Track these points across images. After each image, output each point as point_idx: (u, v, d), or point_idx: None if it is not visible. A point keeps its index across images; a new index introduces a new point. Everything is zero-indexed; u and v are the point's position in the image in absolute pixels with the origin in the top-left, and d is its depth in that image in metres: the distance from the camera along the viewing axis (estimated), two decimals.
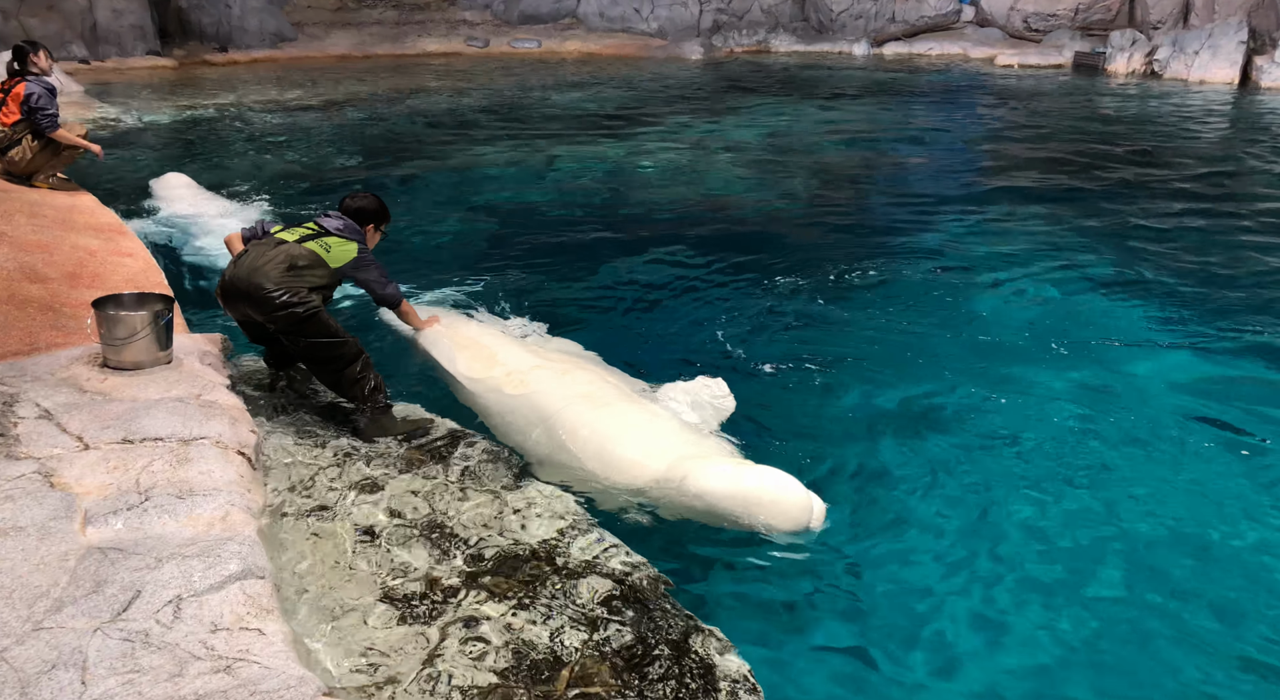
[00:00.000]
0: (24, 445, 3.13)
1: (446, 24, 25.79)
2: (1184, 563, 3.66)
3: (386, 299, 4.49)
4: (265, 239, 4.19)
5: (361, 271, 4.28)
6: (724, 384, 4.31)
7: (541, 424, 4.02)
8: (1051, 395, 5.01)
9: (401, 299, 4.58)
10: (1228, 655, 3.18)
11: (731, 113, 15.33)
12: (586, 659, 2.75)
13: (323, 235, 4.20)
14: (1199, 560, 3.69)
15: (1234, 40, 19.00)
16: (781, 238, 8.16)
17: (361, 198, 4.46)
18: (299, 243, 4.12)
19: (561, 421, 3.96)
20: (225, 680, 2.19)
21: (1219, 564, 3.65)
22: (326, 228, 4.25)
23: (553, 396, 4.11)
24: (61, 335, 4.30)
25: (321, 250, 4.13)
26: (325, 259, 4.12)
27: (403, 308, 4.65)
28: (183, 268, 6.89)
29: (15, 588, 2.45)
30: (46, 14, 19.05)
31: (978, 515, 3.97)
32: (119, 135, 12.33)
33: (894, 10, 25.70)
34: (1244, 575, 3.59)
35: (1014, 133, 13.90)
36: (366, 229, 4.40)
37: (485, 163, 11.27)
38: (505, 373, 4.39)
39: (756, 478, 3.49)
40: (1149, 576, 3.59)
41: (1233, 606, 3.42)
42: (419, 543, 3.27)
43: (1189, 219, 8.79)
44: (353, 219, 4.37)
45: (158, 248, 6.97)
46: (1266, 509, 4.00)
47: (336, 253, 4.17)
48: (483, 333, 4.90)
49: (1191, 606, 3.41)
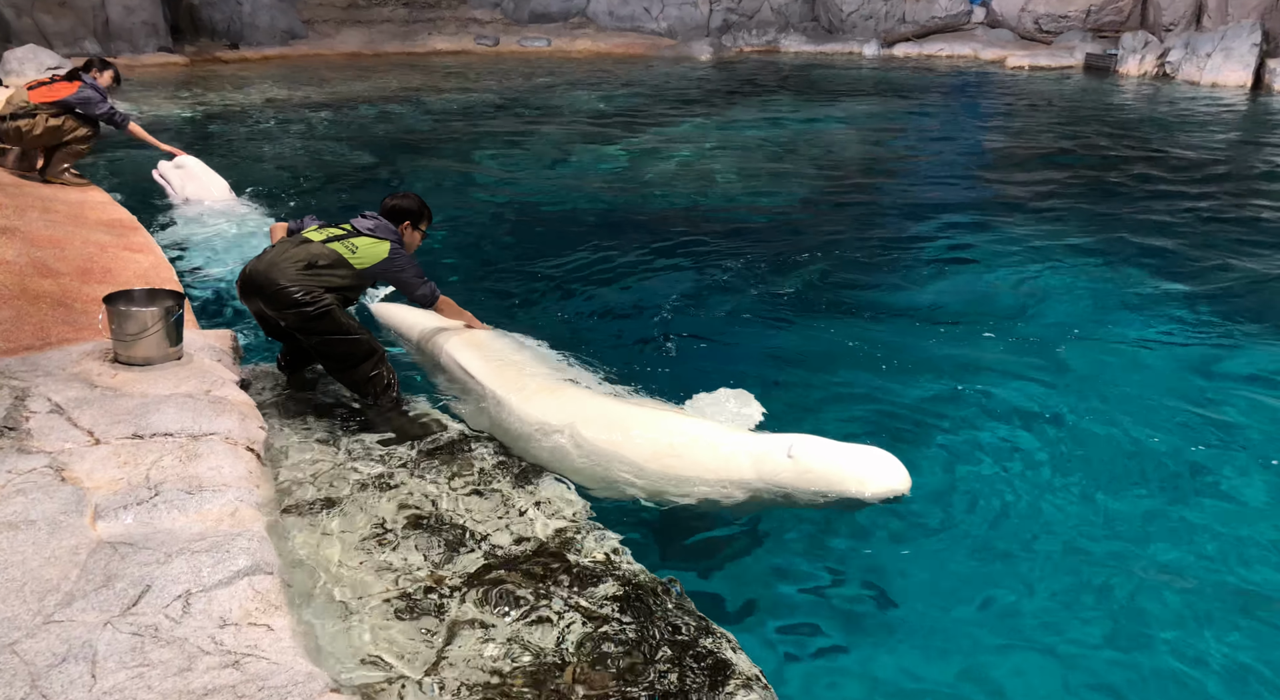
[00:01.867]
0: (35, 439, 3.15)
1: (457, 22, 25.84)
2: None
3: (421, 299, 4.43)
4: (294, 237, 4.21)
5: (394, 272, 4.26)
6: (749, 395, 4.30)
7: (586, 437, 3.91)
8: (1066, 397, 4.99)
9: (437, 297, 4.47)
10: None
11: (741, 113, 15.31)
12: (593, 658, 2.75)
13: (352, 236, 4.20)
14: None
15: (1247, 43, 18.88)
16: (792, 238, 8.15)
17: (400, 197, 4.43)
18: (324, 243, 4.12)
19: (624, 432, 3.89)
20: (234, 675, 2.19)
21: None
22: (358, 228, 4.25)
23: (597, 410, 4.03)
24: (73, 330, 4.32)
25: (346, 251, 4.12)
26: (349, 260, 4.11)
27: (440, 306, 4.53)
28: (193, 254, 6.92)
29: (26, 581, 2.46)
30: (59, 10, 19.15)
31: (995, 519, 3.95)
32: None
33: (904, 11, 25.65)
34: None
35: (1024, 134, 13.86)
36: (403, 228, 4.37)
37: (494, 161, 11.28)
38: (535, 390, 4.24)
39: (863, 450, 3.61)
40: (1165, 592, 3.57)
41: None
42: (427, 541, 3.28)
43: (1199, 222, 8.75)
44: (389, 218, 4.36)
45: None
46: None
47: (365, 253, 4.16)
48: (504, 349, 4.76)
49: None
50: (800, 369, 5.36)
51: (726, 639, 2.89)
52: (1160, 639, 3.27)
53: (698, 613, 3.00)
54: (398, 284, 4.36)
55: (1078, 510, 4.01)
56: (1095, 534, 3.85)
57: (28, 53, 15.80)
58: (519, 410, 4.06)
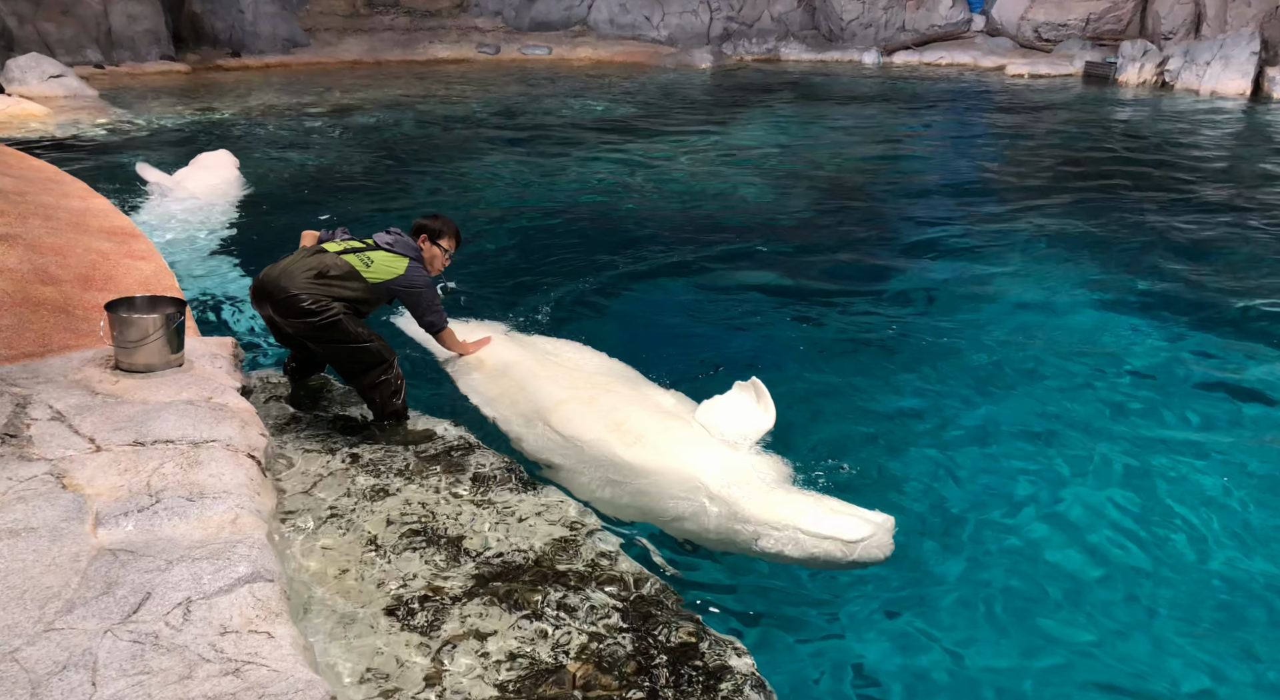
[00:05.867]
0: (36, 446, 3.15)
1: (458, 31, 25.90)
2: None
3: (427, 325, 4.49)
4: (309, 247, 4.23)
5: (408, 291, 4.28)
6: (762, 390, 4.11)
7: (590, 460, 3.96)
8: (1069, 406, 5.00)
9: (444, 328, 4.55)
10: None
11: (741, 120, 15.34)
12: (591, 665, 2.75)
13: (370, 250, 4.23)
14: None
15: (1246, 51, 18.91)
16: (793, 247, 8.15)
17: (429, 218, 4.48)
18: (339, 254, 4.15)
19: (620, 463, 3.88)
20: (234, 683, 2.19)
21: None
22: (379, 243, 4.28)
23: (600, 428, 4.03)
24: (74, 337, 4.33)
25: (360, 264, 4.14)
26: (362, 273, 4.13)
27: (443, 336, 4.61)
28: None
29: (27, 588, 2.46)
30: (62, 19, 19.20)
31: (997, 528, 3.96)
32: (132, 140, 12.41)
33: (904, 19, 25.71)
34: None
35: (1024, 142, 13.88)
36: (421, 240, 4.41)
37: (494, 170, 11.30)
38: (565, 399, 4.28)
39: (851, 524, 3.41)
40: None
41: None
42: (427, 550, 3.28)
43: (1199, 229, 8.75)
44: (412, 235, 4.39)
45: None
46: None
47: (379, 268, 4.18)
48: (523, 352, 4.82)
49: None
50: (798, 372, 5.37)
51: (725, 645, 2.88)
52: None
53: (697, 618, 3.00)
54: (408, 304, 4.38)
55: (1078, 526, 4.01)
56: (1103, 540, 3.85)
57: (30, 61, 15.83)
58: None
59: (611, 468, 3.88)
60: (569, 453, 4.03)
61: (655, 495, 3.73)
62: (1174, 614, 3.43)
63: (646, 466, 3.81)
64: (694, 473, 3.72)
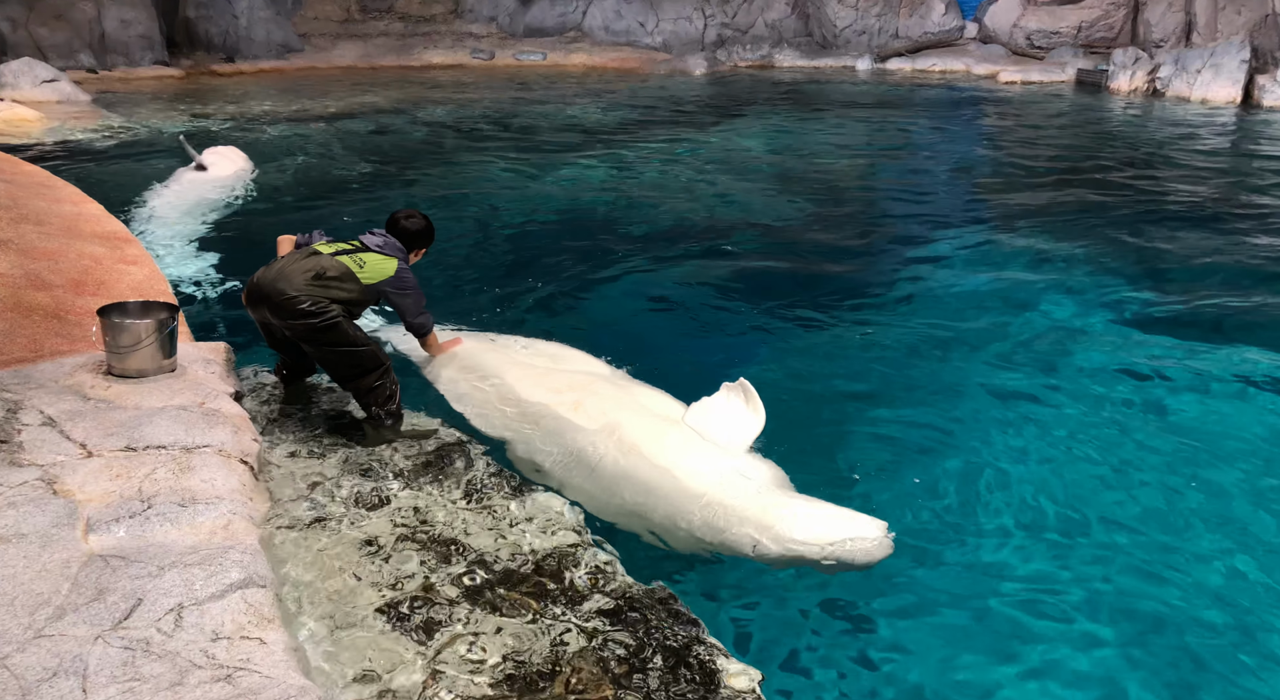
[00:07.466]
0: (27, 452, 3.14)
1: (452, 36, 25.91)
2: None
3: (414, 327, 4.52)
4: (303, 249, 4.22)
5: (398, 294, 4.31)
6: (750, 391, 4.09)
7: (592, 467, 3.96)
8: (1063, 412, 5.01)
9: (430, 331, 4.60)
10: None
11: (735, 127, 15.38)
12: (585, 668, 2.75)
13: (361, 251, 4.22)
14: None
15: (1236, 59, 19.03)
16: (784, 253, 8.18)
17: (409, 216, 4.46)
18: (333, 255, 4.15)
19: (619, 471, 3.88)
20: (226, 689, 2.18)
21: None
22: (367, 244, 4.27)
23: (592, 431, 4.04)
24: (66, 343, 4.31)
25: (355, 266, 4.14)
26: (357, 274, 4.13)
27: (429, 339, 4.66)
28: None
29: (17, 595, 2.45)
30: (55, 23, 19.16)
31: (997, 531, 3.96)
32: (125, 145, 12.39)
33: (898, 26, 25.80)
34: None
35: (1016, 149, 13.94)
36: (414, 257, 4.46)
37: (489, 175, 11.30)
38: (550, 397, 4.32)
39: (847, 528, 3.43)
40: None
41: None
42: (421, 554, 3.27)
43: (1190, 236, 8.80)
44: (397, 237, 4.39)
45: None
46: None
47: (372, 269, 4.18)
48: (503, 353, 4.84)
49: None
50: (793, 377, 5.37)
51: (719, 650, 2.88)
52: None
53: (692, 619, 2.99)
54: (397, 305, 4.38)
55: (1076, 535, 4.02)
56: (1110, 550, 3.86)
57: (23, 66, 15.80)
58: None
59: (604, 473, 3.88)
60: (561, 458, 4.03)
61: (649, 501, 3.73)
62: (1169, 627, 3.44)
63: (640, 472, 3.80)
64: (689, 478, 3.72)
